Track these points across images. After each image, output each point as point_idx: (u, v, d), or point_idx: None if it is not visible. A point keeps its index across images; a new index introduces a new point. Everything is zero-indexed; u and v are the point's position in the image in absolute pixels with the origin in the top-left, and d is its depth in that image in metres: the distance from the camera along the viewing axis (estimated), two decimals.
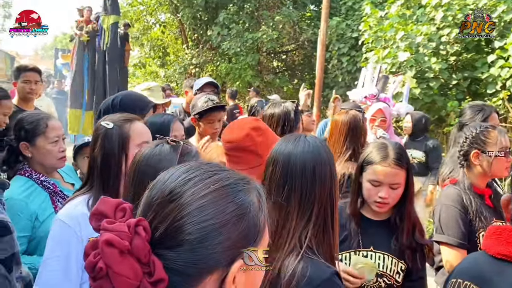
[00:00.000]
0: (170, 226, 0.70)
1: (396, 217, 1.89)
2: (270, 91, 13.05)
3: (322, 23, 7.88)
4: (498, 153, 2.15)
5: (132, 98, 2.56)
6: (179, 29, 14.91)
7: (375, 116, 4.01)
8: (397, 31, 7.74)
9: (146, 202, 0.75)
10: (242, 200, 0.74)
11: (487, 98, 7.38)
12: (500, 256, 1.21)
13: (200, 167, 0.77)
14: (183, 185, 0.73)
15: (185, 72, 13.98)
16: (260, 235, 0.78)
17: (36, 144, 2.15)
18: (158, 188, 0.75)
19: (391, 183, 1.83)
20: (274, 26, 11.78)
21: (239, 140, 1.75)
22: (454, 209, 2.13)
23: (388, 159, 1.83)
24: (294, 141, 1.37)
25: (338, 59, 10.92)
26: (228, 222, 0.71)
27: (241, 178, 0.79)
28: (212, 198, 0.72)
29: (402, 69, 7.46)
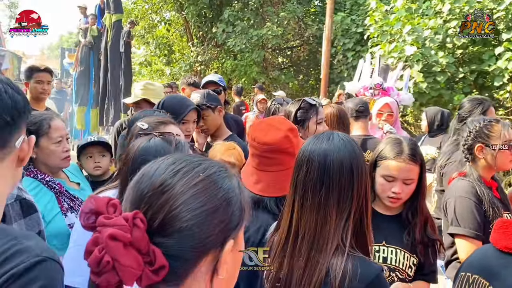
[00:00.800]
0: (167, 215, 0.74)
1: (408, 212, 1.90)
2: (276, 87, 13.05)
3: (327, 18, 7.86)
4: (502, 146, 2.15)
5: (172, 101, 2.72)
6: (184, 26, 14.92)
7: (381, 110, 3.99)
8: (403, 25, 7.69)
9: (136, 196, 0.78)
10: (228, 186, 0.81)
11: (494, 91, 7.34)
12: (507, 250, 1.21)
13: (184, 159, 0.82)
14: (173, 176, 0.77)
15: (190, 69, 14.00)
16: (243, 216, 0.83)
17: (40, 145, 2.15)
18: (146, 182, 0.78)
19: (405, 178, 1.84)
20: (279, 22, 11.76)
21: (277, 142, 1.72)
22: (469, 201, 2.13)
23: (402, 154, 1.84)
24: (328, 139, 1.33)
25: (343, 55, 10.88)
26: (220, 206, 0.77)
27: (221, 165, 0.85)
28: (203, 186, 0.77)
29: (409, 63, 7.42)
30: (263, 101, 7.54)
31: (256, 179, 1.74)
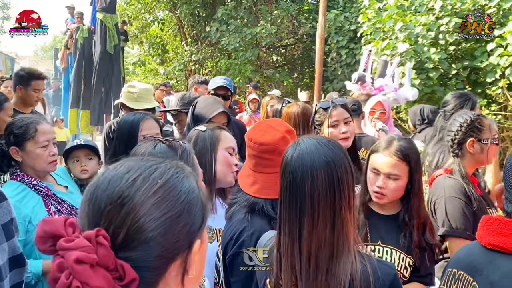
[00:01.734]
0: (131, 228, 0.72)
1: (404, 213, 1.89)
2: (271, 85, 13.06)
3: (320, 16, 7.86)
4: (492, 140, 2.16)
5: (202, 103, 2.85)
6: (178, 26, 14.90)
7: (374, 108, 4.00)
8: (395, 22, 7.71)
9: (94, 211, 0.75)
10: (188, 187, 0.80)
11: (486, 87, 7.38)
12: (491, 247, 1.21)
13: (138, 165, 0.79)
14: (130, 186, 0.74)
15: (184, 69, 13.99)
16: (206, 214, 0.83)
17: (26, 149, 2.15)
18: (102, 195, 0.75)
19: (389, 173, 1.85)
20: (272, 20, 11.75)
21: (274, 142, 1.70)
22: (459, 201, 2.10)
23: (389, 148, 1.86)
24: (310, 144, 1.30)
25: (337, 52, 10.89)
26: (183, 210, 0.76)
27: (176, 165, 0.83)
28: (163, 192, 0.75)
29: (402, 60, 7.44)
30: (255, 100, 7.54)
31: (252, 181, 1.73)
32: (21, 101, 3.70)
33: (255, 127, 1.83)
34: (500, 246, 1.19)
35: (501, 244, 1.18)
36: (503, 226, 1.20)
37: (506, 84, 6.92)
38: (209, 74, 13.88)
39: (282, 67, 14.41)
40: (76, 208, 2.26)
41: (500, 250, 1.19)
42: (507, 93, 6.99)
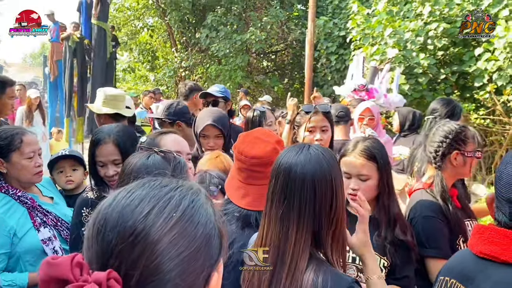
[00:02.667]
0: (146, 269, 0.65)
1: (377, 212, 1.90)
2: (261, 91, 13.08)
3: (309, 22, 7.90)
4: (474, 153, 2.11)
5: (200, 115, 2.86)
6: (167, 32, 14.88)
7: (363, 115, 4.01)
8: (385, 27, 7.78)
9: (103, 248, 0.67)
10: (205, 217, 0.73)
11: (475, 92, 7.45)
12: (482, 255, 1.21)
13: (151, 195, 0.71)
14: (143, 221, 0.67)
15: (175, 75, 13.97)
16: (223, 243, 0.77)
17: (11, 160, 2.11)
18: (112, 230, 0.67)
19: (358, 174, 1.87)
20: (262, 27, 11.79)
21: (266, 155, 1.69)
22: (435, 220, 2.04)
23: (356, 150, 1.90)
24: (296, 152, 1.33)
25: (327, 58, 10.95)
26: (201, 245, 0.70)
27: (193, 191, 0.76)
28: (179, 228, 0.68)
29: (391, 64, 7.50)
30: (246, 107, 7.55)
31: (243, 193, 1.70)
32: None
33: (243, 140, 1.79)
34: (491, 255, 1.18)
35: (492, 253, 1.18)
36: (494, 235, 1.20)
37: (493, 88, 7.00)
38: (199, 80, 13.87)
39: (272, 72, 14.45)
40: (61, 219, 2.23)
41: (491, 259, 1.19)
42: (494, 97, 7.07)
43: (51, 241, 2.11)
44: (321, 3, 11.86)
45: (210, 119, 2.73)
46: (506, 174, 1.21)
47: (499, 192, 1.23)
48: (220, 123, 2.75)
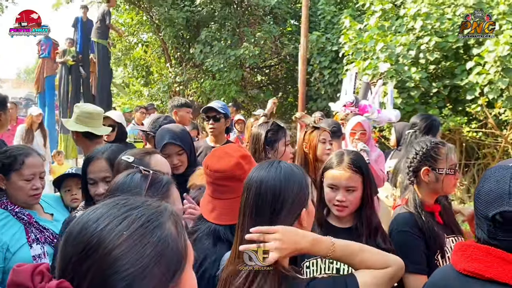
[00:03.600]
0: (93, 282, 0.69)
1: (358, 223, 1.97)
2: (255, 105, 13.11)
3: (302, 38, 7.98)
4: (448, 170, 2.11)
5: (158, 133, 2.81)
6: (162, 48, 14.95)
7: (354, 129, 4.04)
8: (376, 42, 7.86)
9: (63, 260, 0.73)
10: (159, 237, 0.75)
11: (467, 105, 7.51)
12: (466, 272, 1.21)
13: (109, 213, 0.75)
14: (95, 237, 0.72)
15: (169, 90, 13.99)
16: (185, 259, 0.80)
17: (10, 179, 2.18)
18: (71, 244, 0.73)
19: (346, 186, 1.95)
20: (255, 42, 11.88)
21: (228, 169, 1.71)
22: (409, 234, 2.04)
23: (342, 163, 1.97)
24: (267, 167, 1.39)
25: (320, 72, 11.03)
26: (149, 264, 0.72)
27: (153, 212, 0.78)
28: (128, 245, 0.71)
29: (383, 79, 7.56)
30: (240, 121, 7.56)
31: (211, 207, 1.74)
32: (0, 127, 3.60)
33: (212, 154, 1.84)
34: (476, 272, 1.18)
35: (476, 270, 1.18)
36: (477, 252, 1.21)
37: (485, 101, 7.06)
38: (193, 95, 13.91)
39: (266, 87, 14.52)
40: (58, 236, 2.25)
41: (475, 276, 1.19)
42: (486, 110, 7.13)
43: (40, 258, 2.13)
44: (314, 18, 11.99)
45: (167, 137, 2.68)
46: (484, 192, 1.23)
47: (478, 210, 1.25)
48: (179, 140, 2.69)
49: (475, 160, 8.01)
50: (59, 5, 14.03)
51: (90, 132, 3.02)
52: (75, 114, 3.13)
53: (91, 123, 3.06)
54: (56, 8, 14.06)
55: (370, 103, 5.34)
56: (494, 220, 1.19)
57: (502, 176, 1.21)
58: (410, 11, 8.11)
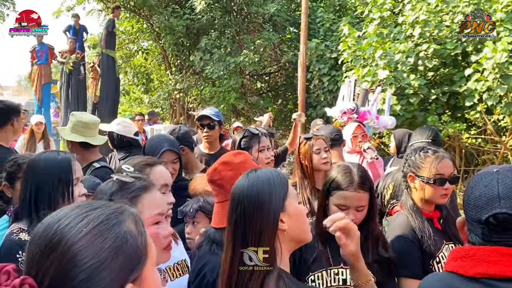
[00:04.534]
0: (54, 276, 0.74)
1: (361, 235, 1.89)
2: (255, 112, 13.14)
3: (301, 45, 8.02)
4: (428, 179, 2.10)
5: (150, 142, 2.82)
6: (162, 55, 15.01)
7: (356, 133, 4.09)
8: (375, 49, 7.90)
9: (28, 258, 0.79)
10: (117, 234, 0.81)
11: (465, 111, 7.55)
12: (481, 276, 1.20)
13: (71, 214, 0.81)
14: (58, 235, 0.77)
15: (169, 97, 14.04)
16: (145, 256, 0.85)
17: (15, 187, 2.21)
18: (36, 243, 0.79)
19: (357, 206, 1.90)
20: (255, 49, 11.93)
21: (208, 174, 1.83)
22: (404, 239, 2.06)
23: (353, 184, 1.89)
24: (246, 175, 1.42)
25: (319, 79, 11.07)
26: (107, 258, 0.78)
27: (113, 211, 0.84)
28: (87, 240, 0.77)
29: (382, 86, 7.60)
30: (238, 128, 7.58)
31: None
32: (13, 134, 3.54)
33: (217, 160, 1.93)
34: (497, 274, 1.18)
35: (497, 272, 1.18)
36: (490, 254, 1.21)
37: (484, 108, 7.09)
38: (193, 102, 13.95)
39: (266, 94, 14.56)
40: None
41: (496, 277, 1.19)
42: (485, 117, 7.15)
43: None
44: (313, 26, 12.05)
45: (167, 145, 2.72)
46: (473, 197, 1.28)
47: (469, 215, 1.29)
48: (176, 148, 2.77)
49: (475, 167, 8.03)
50: (60, 13, 14.10)
51: (86, 142, 3.03)
52: (71, 122, 3.12)
53: (87, 133, 3.05)
54: (57, 16, 14.12)
55: (369, 110, 5.37)
56: (488, 223, 1.23)
57: (489, 181, 1.26)
58: (409, 19, 8.17)
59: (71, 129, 3.07)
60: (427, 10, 8.03)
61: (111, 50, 10.77)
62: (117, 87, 11.17)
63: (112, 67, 10.73)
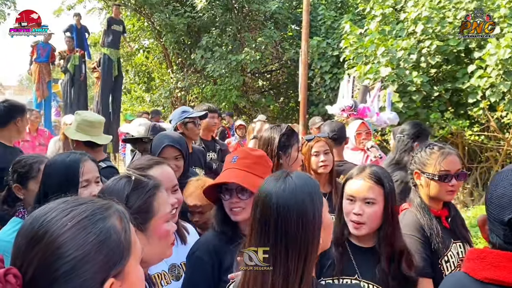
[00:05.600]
0: (38, 267, 0.77)
1: (379, 242, 1.80)
2: (257, 110, 13.12)
3: (303, 43, 7.99)
4: (433, 176, 2.07)
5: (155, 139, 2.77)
6: (163, 54, 14.99)
7: (359, 130, 4.06)
8: (377, 46, 7.87)
9: (15, 249, 0.81)
10: (101, 228, 0.83)
11: (468, 108, 7.51)
12: (488, 281, 1.16)
13: (57, 208, 0.84)
14: (43, 227, 0.80)
15: (170, 96, 14.02)
16: (128, 251, 0.87)
17: (28, 187, 2.19)
18: (22, 235, 0.82)
19: (364, 197, 1.79)
20: (256, 47, 11.90)
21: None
22: (413, 238, 2.01)
23: (363, 172, 1.83)
24: (277, 179, 1.28)
25: (321, 77, 11.04)
26: (90, 251, 0.80)
27: (99, 207, 0.87)
28: (71, 233, 0.79)
29: (384, 83, 7.56)
30: (241, 126, 7.57)
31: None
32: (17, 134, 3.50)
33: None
34: (500, 280, 1.13)
35: (501, 278, 1.13)
36: (499, 258, 1.16)
37: (487, 105, 7.05)
38: (195, 101, 13.93)
39: (267, 92, 14.53)
40: None
41: (500, 283, 1.14)
42: (488, 114, 7.12)
43: None
44: (314, 23, 12.01)
45: (167, 141, 2.67)
46: (496, 196, 1.19)
47: (491, 214, 1.20)
48: (178, 144, 2.68)
49: (478, 164, 7.99)
50: (61, 11, 14.09)
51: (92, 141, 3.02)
52: (75, 122, 3.11)
53: (92, 132, 3.06)
54: (57, 14, 14.11)
55: (369, 106, 5.34)
56: (511, 224, 1.15)
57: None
58: (411, 15, 8.13)
59: (76, 128, 3.06)
60: (430, 7, 7.99)
61: (111, 48, 10.75)
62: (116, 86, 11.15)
63: (109, 66, 10.70)
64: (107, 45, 10.70)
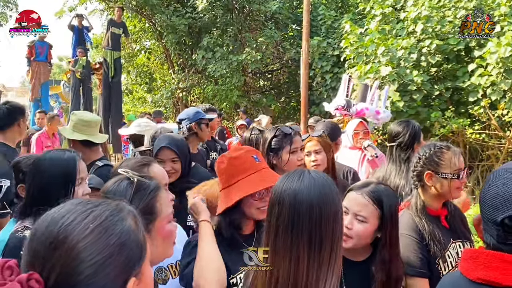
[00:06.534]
0: (61, 272, 0.75)
1: (372, 261, 1.77)
2: (258, 110, 13.13)
3: (304, 43, 8.01)
4: (451, 175, 2.08)
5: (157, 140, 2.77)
6: (165, 54, 15.01)
7: (357, 129, 4.07)
8: (377, 46, 7.88)
9: (31, 255, 0.78)
10: (121, 230, 0.83)
11: (469, 107, 7.51)
12: (480, 281, 1.16)
13: (75, 210, 0.82)
14: (63, 231, 0.78)
15: (172, 96, 14.04)
16: (144, 251, 0.87)
17: None
18: (39, 239, 0.78)
19: (356, 212, 1.76)
20: (257, 47, 11.92)
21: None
22: (409, 238, 2.02)
23: (366, 187, 1.79)
24: (298, 178, 1.25)
25: (322, 77, 11.05)
26: (113, 253, 0.79)
27: (114, 208, 0.86)
28: (93, 237, 0.78)
29: (385, 83, 7.57)
30: (242, 126, 7.59)
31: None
32: (19, 135, 3.54)
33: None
34: (491, 281, 1.14)
35: (492, 279, 1.14)
36: (491, 259, 1.17)
37: (487, 103, 7.05)
38: (196, 101, 13.94)
39: (268, 91, 14.54)
40: None
41: (491, 284, 1.15)
42: (489, 112, 7.12)
43: None
44: (315, 23, 12.02)
45: (164, 142, 2.65)
46: (490, 196, 1.19)
47: (485, 214, 1.20)
48: (175, 146, 2.63)
49: (479, 162, 8.00)
50: (62, 13, 14.11)
51: (88, 140, 3.04)
52: (72, 121, 3.13)
53: (88, 131, 3.07)
54: (59, 16, 14.14)
55: (367, 106, 5.34)
56: (503, 225, 1.14)
57: (508, 178, 1.16)
58: (411, 15, 8.14)
59: (72, 128, 3.08)
60: (430, 6, 8.00)
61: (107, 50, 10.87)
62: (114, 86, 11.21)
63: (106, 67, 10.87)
64: (104, 47, 10.91)
